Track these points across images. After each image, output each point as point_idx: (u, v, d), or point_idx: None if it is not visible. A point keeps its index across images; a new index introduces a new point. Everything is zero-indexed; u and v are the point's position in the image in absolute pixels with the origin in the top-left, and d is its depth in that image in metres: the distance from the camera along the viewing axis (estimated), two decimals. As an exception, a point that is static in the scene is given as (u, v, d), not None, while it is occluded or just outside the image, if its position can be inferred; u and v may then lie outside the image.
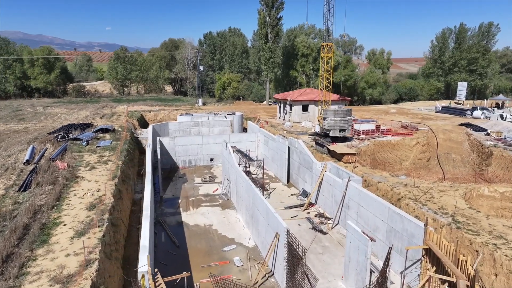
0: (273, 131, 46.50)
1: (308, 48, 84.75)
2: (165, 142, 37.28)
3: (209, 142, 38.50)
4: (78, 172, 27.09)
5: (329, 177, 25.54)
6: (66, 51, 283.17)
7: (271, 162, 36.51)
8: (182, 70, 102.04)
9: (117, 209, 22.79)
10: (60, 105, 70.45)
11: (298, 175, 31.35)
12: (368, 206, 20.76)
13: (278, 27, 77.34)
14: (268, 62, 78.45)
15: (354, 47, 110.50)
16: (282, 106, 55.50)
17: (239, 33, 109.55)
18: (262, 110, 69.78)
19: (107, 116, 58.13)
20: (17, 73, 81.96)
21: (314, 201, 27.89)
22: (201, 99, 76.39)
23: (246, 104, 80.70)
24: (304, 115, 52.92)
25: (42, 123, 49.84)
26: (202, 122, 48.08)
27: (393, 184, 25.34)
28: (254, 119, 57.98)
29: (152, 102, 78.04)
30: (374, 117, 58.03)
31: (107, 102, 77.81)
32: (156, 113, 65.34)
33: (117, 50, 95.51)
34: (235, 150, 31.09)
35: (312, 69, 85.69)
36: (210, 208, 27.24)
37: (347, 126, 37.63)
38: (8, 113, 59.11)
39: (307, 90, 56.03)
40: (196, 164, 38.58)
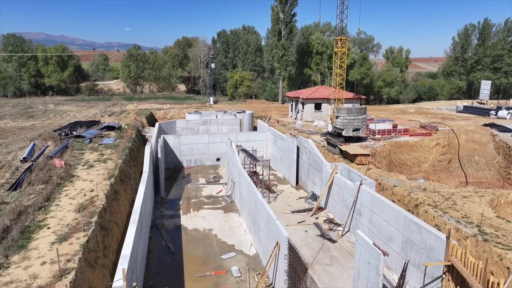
0: (283, 130, 44.62)
1: (323, 45, 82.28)
2: (170, 140, 35.89)
3: (215, 141, 36.91)
4: (75, 170, 25.88)
5: (339, 180, 23.51)
6: (85, 51, 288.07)
7: (279, 163, 34.64)
8: (195, 69, 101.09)
9: (111, 210, 21.38)
10: (72, 103, 70.31)
11: (307, 177, 29.38)
12: (381, 213, 18.68)
13: (292, 24, 75.29)
14: (281, 60, 76.47)
15: (371, 45, 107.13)
16: (294, 105, 53.51)
17: (253, 31, 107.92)
18: (274, 109, 67.93)
19: (116, 114, 57.37)
20: (32, 71, 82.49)
21: (324, 205, 25.89)
22: (213, 98, 75.07)
23: (258, 103, 78.97)
24: (316, 113, 50.79)
25: (50, 121, 49.33)
26: (210, 121, 46.60)
27: (411, 189, 23.12)
28: (265, 118, 56.21)
29: (163, 101, 77.23)
30: (391, 116, 55.38)
31: (118, 100, 77.39)
32: (166, 111, 64.34)
33: (129, 48, 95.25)
34: (241, 150, 29.37)
35: (327, 67, 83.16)
36: (211, 211, 25.59)
37: (361, 125, 35.42)
38: (19, 110, 59.09)
39: (320, 88, 53.85)
40: (202, 164, 37.05)
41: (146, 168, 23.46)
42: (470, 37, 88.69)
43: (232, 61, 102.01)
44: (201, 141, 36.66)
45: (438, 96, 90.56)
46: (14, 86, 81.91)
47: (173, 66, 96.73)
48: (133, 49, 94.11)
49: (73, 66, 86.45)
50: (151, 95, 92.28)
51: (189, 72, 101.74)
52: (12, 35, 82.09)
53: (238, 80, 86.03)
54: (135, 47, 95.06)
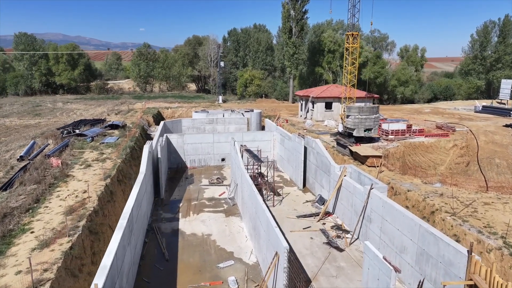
0: (292, 130, 43.02)
1: (335, 43, 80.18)
2: (173, 139, 34.72)
3: (220, 140, 35.59)
4: (71, 170, 24.87)
5: (348, 183, 21.86)
6: (99, 51, 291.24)
7: (286, 164, 33.09)
8: (205, 67, 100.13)
9: (104, 213, 20.23)
10: (80, 101, 70.07)
11: (315, 179, 27.77)
12: (394, 221, 16.99)
13: (303, 21, 73.51)
14: (292, 58, 74.78)
15: (385, 44, 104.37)
16: (304, 104, 51.83)
17: (264, 30, 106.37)
18: (284, 108, 66.34)
19: (123, 112, 56.67)
20: (43, 69, 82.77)
21: (331, 210, 24.26)
22: (221, 96, 73.88)
23: (268, 102, 77.46)
24: (327, 113, 49.00)
25: (55, 119, 48.85)
26: (217, 120, 45.34)
27: (426, 194, 21.31)
28: (274, 117, 54.65)
29: (172, 99, 76.43)
30: (406, 116, 53.18)
31: (127, 99, 76.92)
32: (174, 110, 63.42)
33: (139, 47, 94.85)
34: (244, 150, 27.95)
35: (339, 65, 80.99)
36: (212, 214, 24.22)
37: (373, 125, 33.60)
38: (27, 108, 58.96)
39: (331, 86, 52.04)
40: (206, 164, 35.76)
41: (142, 169, 22.25)
42: (489, 34, 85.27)
43: (242, 59, 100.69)
44: (205, 141, 35.38)
45: (455, 96, 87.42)
46: (26, 85, 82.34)
47: (183, 65, 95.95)
48: (143, 48, 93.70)
49: (84, 65, 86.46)
50: (160, 94, 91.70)
51: (199, 71, 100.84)
52: (24, 34, 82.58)
53: (248, 79, 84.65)
54: (145, 45, 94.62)
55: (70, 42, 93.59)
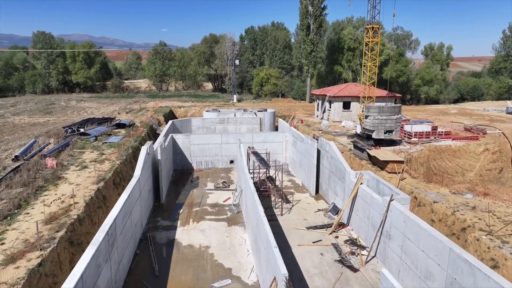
0: (306, 131, 40.52)
1: (355, 41, 76.86)
2: (179, 140, 32.89)
3: (229, 141, 33.51)
4: (65, 172, 23.32)
5: (365, 192, 19.30)
6: (122, 51, 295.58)
7: (298, 168, 30.68)
8: (222, 66, 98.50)
9: (93, 221, 18.46)
10: (94, 100, 69.62)
11: (329, 186, 25.26)
12: (417, 240, 14.40)
13: (322, 18, 70.65)
14: (309, 56, 72.03)
15: (408, 41, 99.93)
16: (320, 103, 49.18)
17: (282, 28, 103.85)
18: (301, 108, 63.78)
19: (134, 111, 55.55)
20: (60, 68, 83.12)
21: (346, 221, 21.73)
22: (236, 96, 71.95)
23: (284, 101, 75.00)
24: (345, 113, 46.20)
25: (65, 117, 48.04)
26: (228, 119, 43.33)
27: (455, 206, 18.51)
28: (288, 117, 52.22)
29: (186, 98, 75.12)
30: (430, 117, 49.71)
31: (141, 97, 76.11)
32: (187, 109, 61.95)
33: (155, 46, 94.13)
34: (251, 152, 25.73)
35: (359, 64, 77.61)
36: (213, 223, 22.12)
37: (394, 127, 30.75)
38: (40, 106, 58.69)
39: (350, 85, 49.15)
40: (214, 166, 33.75)
41: (137, 172, 20.36)
42: (523, 30, 80.00)
43: (259, 58, 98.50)
44: (213, 141, 33.38)
45: (483, 96, 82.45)
46: (43, 83, 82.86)
47: (199, 63, 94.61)
48: (159, 46, 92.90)
49: (100, 63, 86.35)
50: (176, 93, 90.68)
51: (215, 70, 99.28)
52: (42, 33, 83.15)
53: (264, 77, 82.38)
54: (161, 44, 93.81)
55: (87, 41, 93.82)
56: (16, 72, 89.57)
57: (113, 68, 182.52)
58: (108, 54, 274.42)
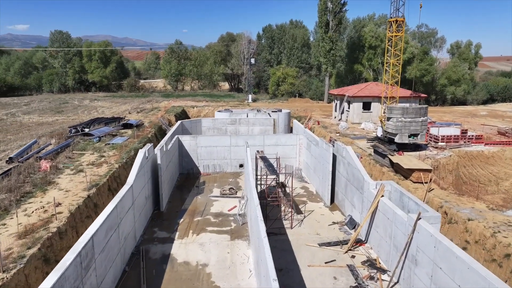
0: (323, 133, 37.94)
1: (376, 38, 73.41)
2: (186, 141, 30.96)
3: (238, 143, 31.34)
4: (58, 176, 21.69)
5: (386, 207, 16.71)
6: (143, 51, 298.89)
7: (312, 174, 28.19)
8: (238, 65, 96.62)
9: (79, 233, 16.60)
10: (108, 99, 68.91)
11: (345, 196, 22.70)
12: (452, 272, 11.78)
13: (341, 14, 67.66)
14: (328, 54, 69.13)
15: (433, 39, 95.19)
16: (339, 104, 46.40)
17: (300, 26, 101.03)
18: (318, 108, 61.07)
19: (146, 110, 54.25)
20: (76, 67, 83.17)
21: (364, 237, 19.17)
22: (251, 95, 69.83)
23: (301, 101, 72.38)
24: (364, 114, 43.30)
25: (75, 116, 47.07)
26: (240, 120, 41.20)
27: (496, 226, 15.69)
28: (304, 118, 49.66)
29: (201, 98, 73.58)
30: (458, 119, 46.14)
31: (155, 97, 75.06)
32: (200, 109, 60.28)
33: (171, 45, 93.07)
34: (260, 157, 23.45)
35: (381, 63, 74.13)
36: (215, 235, 19.96)
37: (420, 130, 27.84)
38: (53, 105, 58.21)
39: (370, 84, 46.17)
40: (222, 170, 31.65)
41: (130, 179, 18.41)
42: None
43: (277, 57, 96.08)
44: (221, 144, 31.29)
45: (515, 97, 77.40)
46: (60, 82, 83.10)
47: (215, 62, 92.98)
48: (174, 45, 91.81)
49: (116, 62, 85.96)
50: (191, 92, 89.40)
51: (231, 69, 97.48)
52: (59, 32, 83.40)
53: (280, 77, 79.92)
54: (176, 42, 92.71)
55: (103, 40, 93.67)
56: (36, 72, 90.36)
57: (132, 67, 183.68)
58: (129, 54, 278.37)
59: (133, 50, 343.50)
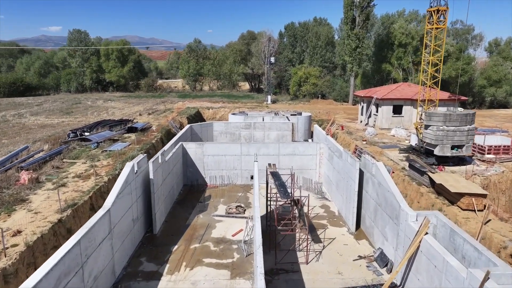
0: (347, 140, 33.69)
1: (407, 35, 67.93)
2: (191, 149, 27.55)
3: (250, 152, 27.66)
4: (35, 191, 18.66)
5: (432, 250, 12.54)
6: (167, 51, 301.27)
7: (334, 190, 24.12)
8: (259, 65, 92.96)
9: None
10: (123, 100, 66.84)
11: (374, 223, 18.55)
12: None
13: (369, 10, 62.68)
14: (354, 53, 64.30)
15: (470, 36, 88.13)
16: (366, 106, 41.86)
17: (325, 23, 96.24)
18: (342, 111, 56.48)
19: (158, 112, 51.48)
20: (94, 66, 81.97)
21: (400, 282, 15.02)
22: (271, 96, 65.99)
23: (324, 103, 67.85)
24: (395, 119, 38.63)
25: (83, 118, 44.77)
26: (255, 124, 37.51)
27: None
28: (327, 122, 45.36)
29: (218, 99, 70.38)
30: (502, 125, 40.60)
31: (172, 97, 72.50)
32: (215, 110, 57.01)
33: (190, 43, 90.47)
34: (270, 173, 19.64)
35: (412, 62, 68.62)
36: (212, 271, 16.33)
37: (465, 141, 23.24)
38: (65, 105, 56.46)
39: (401, 85, 41.38)
40: (231, 182, 28.05)
41: (108, 201, 15.04)
42: None
43: (299, 56, 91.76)
44: (231, 152, 27.69)
45: None
46: (77, 82, 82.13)
47: (234, 62, 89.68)
48: (193, 44, 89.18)
49: (133, 62, 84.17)
50: (209, 93, 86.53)
51: (252, 68, 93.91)
52: (77, 31, 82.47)
53: (302, 76, 75.65)
54: (195, 41, 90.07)
55: (121, 39, 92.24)
56: (56, 71, 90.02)
57: (154, 67, 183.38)
58: (154, 54, 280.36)
59: (157, 50, 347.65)
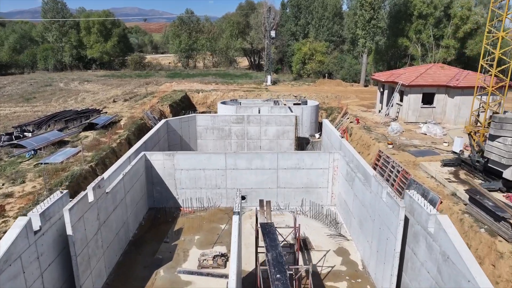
0: (365, 140, 26.24)
1: (429, 5, 58.72)
2: (157, 162, 20.16)
3: (238, 166, 20.29)
4: None
5: None
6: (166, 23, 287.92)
7: (356, 227, 16.88)
8: (258, 39, 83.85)
9: None
10: (101, 80, 58.76)
11: (430, 312, 11.35)
12: None
13: (387, -27, 53.38)
14: (367, 25, 55.59)
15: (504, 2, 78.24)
16: (387, 94, 34.02)
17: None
18: (353, 94, 48.57)
19: (137, 97, 43.81)
20: (73, 41, 73.26)
21: None
22: (271, 76, 57.80)
23: (332, 84, 59.67)
24: (425, 110, 30.96)
25: (42, 107, 37.22)
26: (249, 118, 29.96)
27: None
28: (338, 112, 37.66)
29: (211, 79, 62.26)
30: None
31: (159, 77, 64.35)
32: (206, 94, 49.27)
33: (181, 14, 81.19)
34: (261, 225, 12.32)
35: (433, 36, 59.73)
36: None
37: (555, 161, 15.72)
38: (31, 89, 48.64)
39: (432, 68, 33.27)
40: (213, 205, 20.86)
41: None
42: None
43: (303, 29, 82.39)
44: (211, 165, 20.32)
45: None
46: (55, 59, 73.63)
47: (231, 35, 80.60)
48: (185, 15, 79.86)
49: (118, 36, 75.28)
50: (204, 71, 78.08)
51: (251, 43, 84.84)
52: (53, 0, 73.15)
53: (307, 53, 67.05)
54: (187, 12, 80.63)
55: (103, 10, 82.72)
56: (36, 47, 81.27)
57: (148, 41, 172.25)
58: (152, 27, 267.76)
59: (156, 22, 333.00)
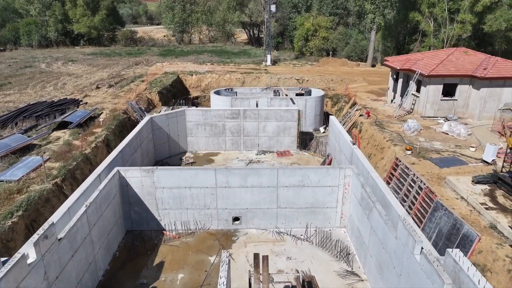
0: (378, 141, 22.89)
1: (445, -25, 53.37)
2: (134, 180, 16.84)
3: (230, 183, 17.01)
4: None
5: None
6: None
7: (373, 267, 13.81)
8: (258, 11, 78.20)
9: None
10: (88, 60, 54.35)
11: None
12: None
13: None
14: None
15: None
16: (401, 82, 30.21)
17: (338, -41, 79.58)
18: (360, 77, 44.60)
19: (125, 81, 39.95)
20: (58, 14, 67.93)
21: None
22: (270, 56, 53.39)
23: (336, 63, 55.32)
24: (445, 104, 27.32)
25: (15, 96, 33.44)
26: (245, 112, 26.40)
27: None
28: (345, 101, 34.01)
29: (206, 57, 57.86)
30: None
31: (151, 55, 59.81)
32: (200, 76, 45.37)
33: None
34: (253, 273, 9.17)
35: (448, 10, 54.69)
36: None
37: None
38: (7, 71, 44.45)
39: (454, 53, 29.18)
40: (201, 228, 17.75)
41: None
42: None
43: (306, 1, 76.73)
44: (198, 183, 17.01)
45: None
46: (40, 34, 68.55)
47: (228, 8, 75.08)
48: (178, -15, 73.91)
49: (106, 9, 69.81)
50: (199, 47, 73.16)
51: (249, 16, 79.26)
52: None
53: (310, 29, 62.15)
54: (181, -18, 74.59)
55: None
56: (20, 19, 75.78)
57: (143, 11, 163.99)
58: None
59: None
